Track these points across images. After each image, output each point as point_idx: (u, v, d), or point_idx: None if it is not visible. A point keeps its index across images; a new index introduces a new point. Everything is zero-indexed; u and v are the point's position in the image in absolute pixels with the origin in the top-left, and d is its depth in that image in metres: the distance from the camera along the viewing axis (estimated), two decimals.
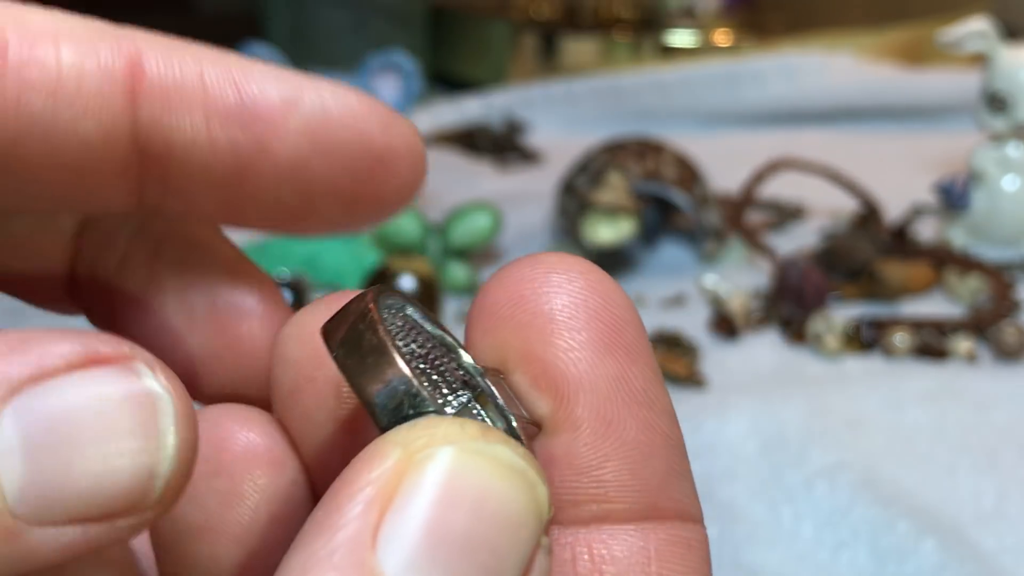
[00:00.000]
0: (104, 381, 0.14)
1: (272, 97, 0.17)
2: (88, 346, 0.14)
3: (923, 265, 0.59)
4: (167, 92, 0.16)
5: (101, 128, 0.16)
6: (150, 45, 0.17)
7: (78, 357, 0.14)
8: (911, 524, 0.39)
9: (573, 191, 0.61)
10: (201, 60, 0.17)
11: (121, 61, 0.16)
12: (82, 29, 0.16)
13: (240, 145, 0.17)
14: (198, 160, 0.17)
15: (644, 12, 1.10)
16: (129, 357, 0.15)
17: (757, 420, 0.45)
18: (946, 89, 0.91)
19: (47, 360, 0.14)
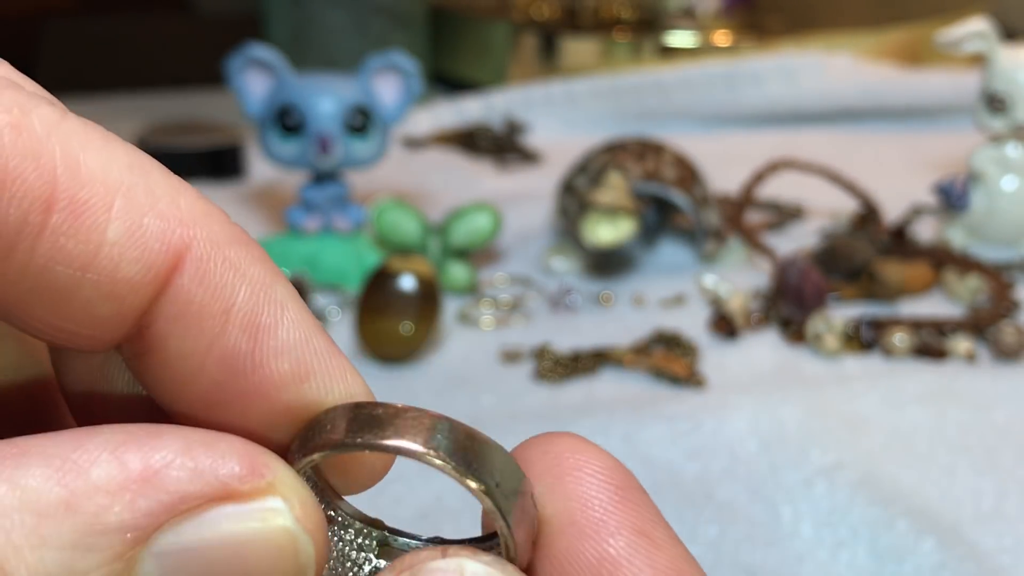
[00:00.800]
0: (242, 522, 0.14)
1: (282, 366, 0.15)
2: (224, 482, 0.14)
3: (922, 265, 0.60)
4: (189, 306, 0.15)
5: (117, 313, 0.15)
6: (201, 244, 0.15)
7: (215, 494, 0.14)
8: (910, 524, 0.39)
9: (573, 191, 0.61)
10: (242, 282, 0.15)
11: (168, 253, 0.15)
12: (141, 195, 0.14)
13: (224, 386, 0.15)
14: (180, 370, 0.15)
15: (644, 12, 1.10)
16: (266, 491, 0.14)
17: (756, 420, 0.45)
18: (945, 90, 0.92)
19: (184, 502, 0.14)
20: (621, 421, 0.45)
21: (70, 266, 0.14)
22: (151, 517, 0.13)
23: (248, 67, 0.61)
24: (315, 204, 0.62)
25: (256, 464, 0.14)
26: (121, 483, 0.13)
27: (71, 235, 0.14)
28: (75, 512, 0.13)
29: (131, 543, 0.13)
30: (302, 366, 0.15)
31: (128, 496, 0.13)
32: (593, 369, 0.51)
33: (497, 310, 0.58)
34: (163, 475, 0.14)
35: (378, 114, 0.62)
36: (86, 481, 0.13)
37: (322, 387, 0.16)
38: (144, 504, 0.13)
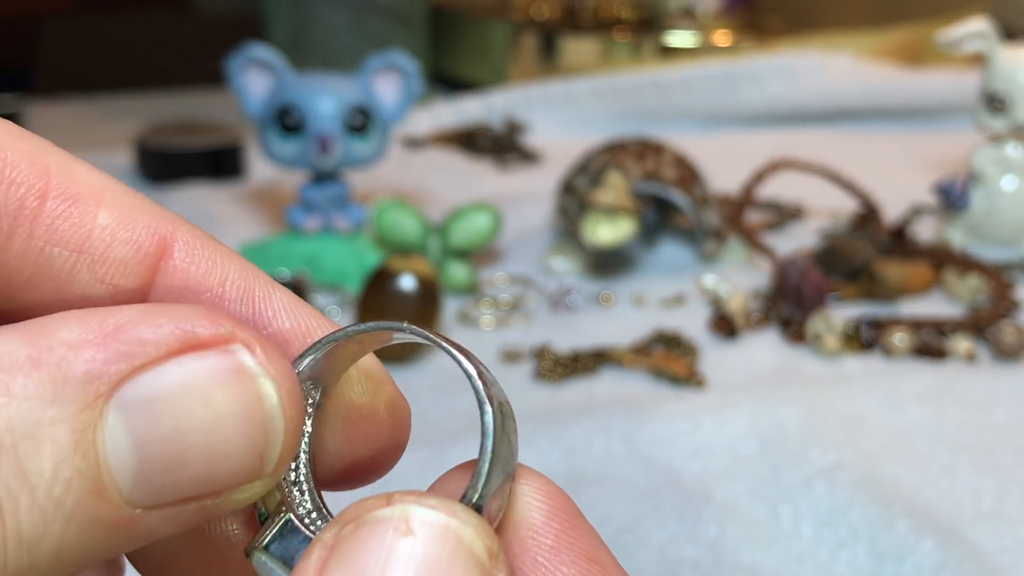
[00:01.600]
0: (205, 368, 0.14)
1: (283, 326, 0.17)
2: (185, 329, 0.14)
3: (922, 265, 0.60)
4: (185, 284, 0.16)
5: (113, 297, 0.16)
6: (185, 233, 0.16)
7: (177, 343, 0.14)
8: (910, 523, 0.39)
9: (573, 191, 0.61)
10: (228, 265, 0.16)
11: (154, 240, 0.16)
12: (126, 197, 0.16)
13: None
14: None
15: (644, 12, 1.10)
16: (227, 339, 0.15)
17: (756, 420, 0.45)
18: (945, 89, 0.92)
19: (145, 350, 0.14)
20: (621, 421, 0.45)
21: (66, 247, 0.15)
22: (113, 366, 0.14)
23: (248, 67, 0.61)
24: (315, 204, 0.62)
25: (217, 318, 0.15)
26: (84, 338, 0.14)
27: (65, 218, 0.15)
28: (40, 365, 0.14)
29: (95, 394, 0.14)
30: (301, 324, 0.17)
31: (91, 349, 0.14)
32: (593, 369, 0.51)
33: (497, 310, 0.58)
34: (125, 328, 0.14)
35: (378, 114, 0.62)
36: (50, 339, 0.14)
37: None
38: (106, 354, 0.14)
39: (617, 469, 0.43)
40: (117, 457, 0.14)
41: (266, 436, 0.15)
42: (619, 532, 0.40)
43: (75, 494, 0.13)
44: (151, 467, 0.14)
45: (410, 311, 0.51)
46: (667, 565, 0.38)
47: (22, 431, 0.13)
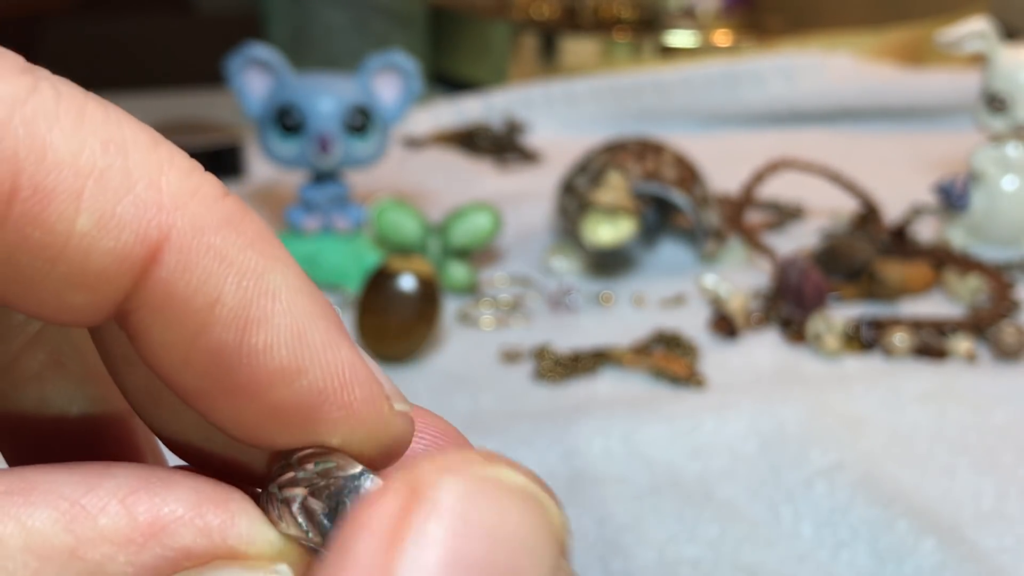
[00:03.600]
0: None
1: (272, 362, 0.14)
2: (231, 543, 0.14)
3: (923, 265, 0.60)
4: (171, 299, 0.14)
5: (91, 303, 0.14)
6: (185, 226, 0.14)
7: (220, 553, 0.14)
8: (910, 524, 0.39)
9: (573, 191, 0.61)
10: (228, 273, 0.14)
11: (144, 245, 0.13)
12: (115, 178, 0.13)
13: (214, 381, 0.14)
14: (165, 362, 0.14)
15: (644, 12, 1.10)
16: (274, 558, 0.14)
17: (757, 420, 0.45)
18: (946, 89, 0.92)
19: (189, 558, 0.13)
20: (621, 421, 0.45)
21: (37, 258, 0.13)
22: (155, 572, 0.13)
23: (248, 67, 0.61)
24: (315, 204, 0.62)
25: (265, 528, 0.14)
26: (128, 535, 0.13)
27: (37, 225, 0.13)
28: (80, 560, 0.13)
29: None
30: (293, 363, 0.14)
31: (134, 549, 0.13)
32: (593, 369, 0.51)
33: (497, 310, 0.58)
34: (170, 530, 0.13)
35: (378, 114, 0.62)
36: (93, 528, 0.13)
37: (316, 385, 0.14)
38: (149, 558, 0.13)
39: (617, 469, 0.43)
40: None
41: None
42: (619, 532, 0.40)
43: None
44: None
45: (410, 311, 0.51)
46: (667, 565, 0.38)
47: None
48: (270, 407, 0.14)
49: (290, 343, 0.14)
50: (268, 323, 0.14)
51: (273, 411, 0.14)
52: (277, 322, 0.14)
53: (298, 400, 0.14)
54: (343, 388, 0.14)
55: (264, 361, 0.14)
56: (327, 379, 0.14)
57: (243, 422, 0.15)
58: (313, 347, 0.14)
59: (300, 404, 0.14)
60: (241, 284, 0.14)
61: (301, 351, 0.14)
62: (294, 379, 0.14)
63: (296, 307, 0.14)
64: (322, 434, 0.15)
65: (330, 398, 0.14)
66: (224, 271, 0.14)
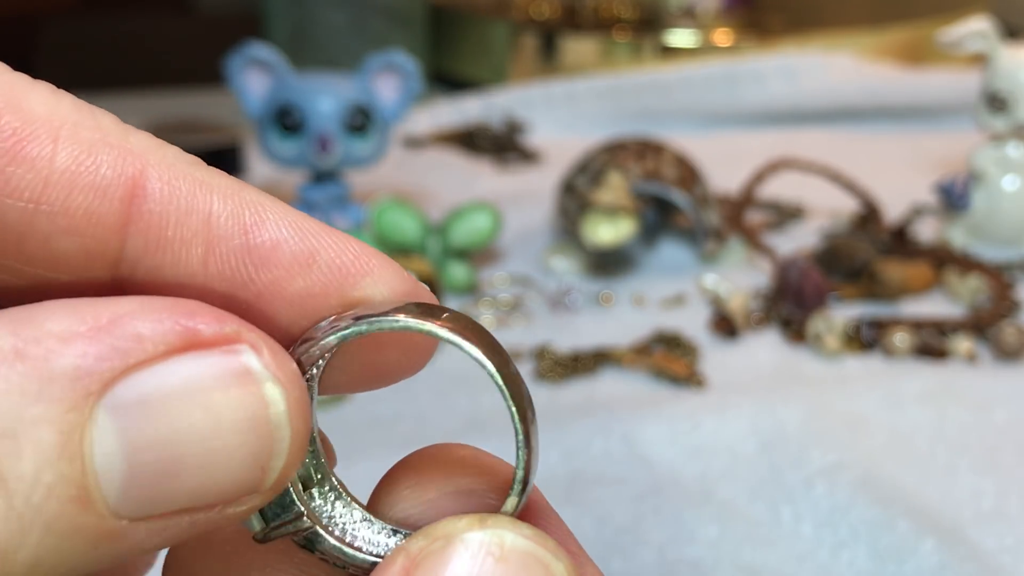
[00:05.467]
0: (207, 369, 0.13)
1: (284, 256, 0.15)
2: (185, 326, 0.13)
3: (923, 265, 0.59)
4: (166, 227, 0.14)
5: (83, 249, 0.14)
6: (159, 162, 0.14)
7: (177, 340, 0.13)
8: (911, 524, 0.39)
9: (573, 191, 0.61)
10: (211, 192, 0.15)
11: (122, 178, 0.14)
12: (88, 130, 0.14)
13: (233, 299, 0.15)
14: (191, 287, 0.15)
15: (644, 12, 1.10)
16: (232, 339, 0.13)
17: (757, 420, 0.45)
18: (946, 89, 0.91)
19: (142, 346, 0.13)
20: (621, 421, 0.45)
21: (20, 198, 0.13)
22: (106, 363, 0.13)
23: (248, 67, 0.61)
24: (315, 204, 0.62)
25: (221, 315, 0.14)
26: (76, 331, 0.13)
27: (18, 164, 0.13)
28: (24, 358, 0.12)
29: (84, 392, 0.12)
30: (304, 247, 0.15)
31: (82, 342, 0.13)
32: (593, 369, 0.51)
33: (497, 310, 0.58)
34: (121, 322, 0.13)
35: (378, 114, 0.61)
36: (37, 329, 0.12)
37: (333, 261, 0.15)
38: (98, 349, 0.13)
39: (617, 469, 0.43)
40: (105, 463, 0.13)
41: (270, 447, 0.14)
42: (619, 532, 0.39)
43: (57, 501, 0.12)
44: (142, 476, 0.13)
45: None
46: (667, 565, 0.38)
47: (2, 428, 0.12)
48: (301, 296, 0.15)
49: (293, 233, 0.15)
50: (265, 223, 0.15)
51: (305, 299, 0.15)
52: (273, 220, 0.15)
53: (323, 280, 0.15)
54: (358, 257, 0.15)
55: (276, 256, 0.15)
56: (341, 253, 0.15)
57: (283, 320, 0.15)
58: (315, 232, 0.15)
59: (326, 283, 0.15)
60: (227, 199, 0.15)
61: (306, 237, 0.15)
62: (311, 261, 0.15)
63: (283, 209, 0.15)
64: (355, 302, 0.15)
65: (351, 268, 0.15)
66: (207, 192, 0.15)
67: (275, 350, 0.14)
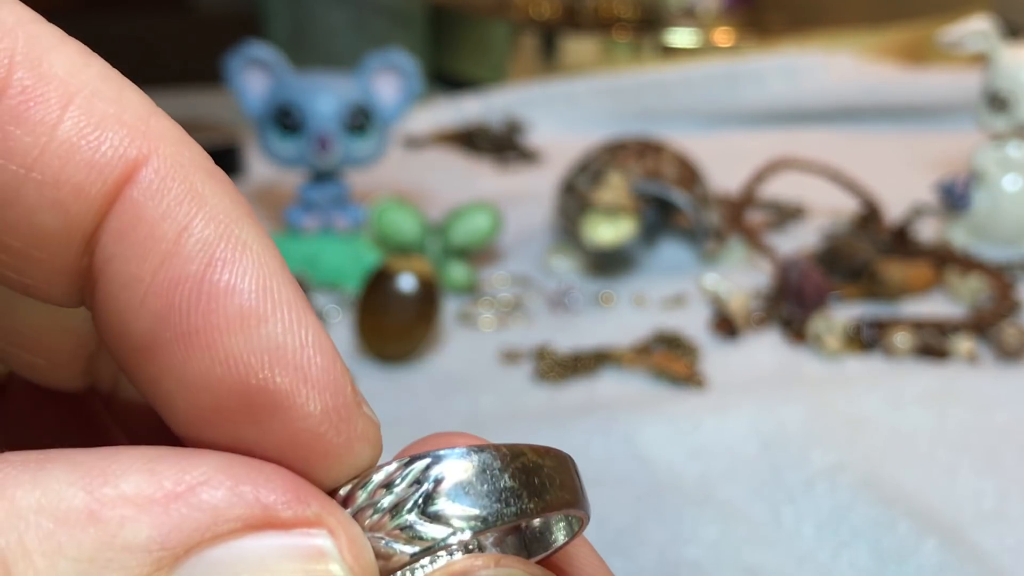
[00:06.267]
0: (282, 551, 0.12)
1: (232, 304, 0.13)
2: (265, 504, 0.12)
3: (924, 265, 0.59)
4: (138, 222, 0.13)
5: (63, 226, 0.13)
6: (166, 154, 0.13)
7: (255, 520, 0.12)
8: (912, 524, 0.39)
9: (573, 191, 0.61)
10: (199, 207, 0.13)
11: (122, 160, 0.13)
12: (105, 102, 0.13)
13: (166, 323, 0.13)
14: (123, 304, 0.13)
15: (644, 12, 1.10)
16: (312, 523, 0.13)
17: (757, 420, 0.45)
18: (947, 89, 0.91)
19: (219, 524, 0.12)
20: (621, 421, 0.45)
21: (14, 161, 0.13)
22: (181, 535, 0.12)
23: (247, 66, 0.61)
24: (315, 204, 0.62)
25: (301, 492, 0.13)
26: (151, 497, 0.12)
27: (19, 123, 0.13)
28: (98, 522, 0.12)
29: (157, 564, 0.12)
30: (255, 309, 0.13)
31: (158, 511, 0.12)
32: (593, 369, 0.51)
33: (497, 310, 0.58)
34: (198, 492, 0.12)
35: (378, 113, 0.61)
36: (114, 490, 0.12)
37: (274, 338, 0.13)
38: (174, 521, 0.12)
39: (617, 469, 0.43)
40: None
41: None
42: (619, 533, 0.39)
43: None
44: None
45: (410, 311, 0.51)
46: (668, 566, 0.38)
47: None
48: (222, 357, 0.13)
49: (255, 289, 0.13)
50: (235, 265, 0.13)
51: (225, 363, 0.13)
52: (244, 266, 0.13)
53: (253, 351, 0.13)
54: (303, 348, 0.13)
55: (224, 303, 0.13)
56: (287, 334, 0.13)
57: (190, 379, 0.13)
58: (278, 301, 0.13)
59: (255, 357, 0.13)
60: (212, 223, 0.13)
61: (265, 299, 0.13)
62: (253, 326, 0.13)
63: (266, 262, 0.13)
64: (272, 399, 0.13)
65: (288, 355, 0.13)
66: (196, 207, 0.13)
67: (355, 540, 0.13)
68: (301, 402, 0.13)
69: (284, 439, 0.13)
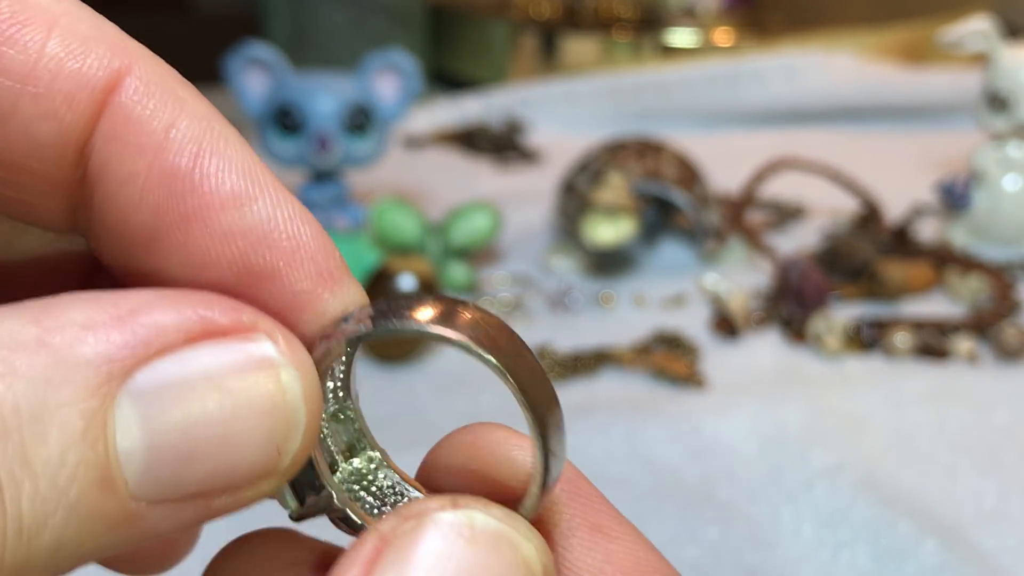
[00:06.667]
0: (225, 356, 0.14)
1: (224, 186, 0.15)
2: (203, 316, 0.14)
3: (924, 265, 0.59)
4: (128, 122, 0.14)
5: (58, 135, 0.14)
6: (142, 68, 0.15)
7: (196, 329, 0.13)
8: (912, 524, 0.39)
9: (573, 191, 0.61)
10: (180, 110, 0.15)
11: (105, 73, 0.14)
12: (83, 24, 0.14)
13: (165, 210, 0.15)
14: (123, 201, 0.15)
15: (644, 12, 1.10)
16: (248, 328, 0.14)
17: (757, 420, 0.45)
18: (947, 89, 0.91)
19: (162, 336, 0.13)
20: (622, 421, 0.45)
21: (9, 77, 0.14)
22: (127, 350, 0.13)
23: (247, 66, 0.61)
24: (315, 203, 0.62)
25: (237, 306, 0.14)
26: (96, 320, 0.13)
27: (10, 44, 0.14)
28: (48, 346, 0.13)
29: (106, 378, 0.13)
30: (245, 189, 0.15)
31: (102, 330, 0.13)
32: (593, 369, 0.51)
33: (497, 310, 0.58)
34: (140, 312, 0.13)
35: (378, 113, 0.61)
36: (60, 319, 0.13)
37: (265, 212, 0.15)
38: (119, 337, 0.13)
39: (617, 469, 0.43)
40: (127, 447, 0.13)
41: (286, 429, 0.14)
42: None
43: (80, 484, 0.13)
44: (162, 459, 0.13)
45: None
46: None
47: (29, 414, 0.12)
48: (220, 234, 0.14)
49: (242, 172, 0.15)
50: (221, 154, 0.15)
51: (223, 239, 0.14)
52: (230, 155, 0.15)
53: (247, 226, 0.15)
54: (291, 220, 0.15)
55: (216, 184, 0.14)
56: (277, 208, 0.15)
57: (192, 260, 0.15)
58: (263, 182, 0.15)
59: (248, 231, 0.15)
60: (195, 120, 0.15)
61: (252, 181, 0.15)
62: (244, 204, 0.15)
63: (247, 152, 0.15)
64: (270, 266, 0.15)
65: (279, 226, 0.15)
66: (179, 107, 0.15)
67: (289, 338, 0.14)
68: (297, 266, 0.15)
69: (282, 304, 0.15)
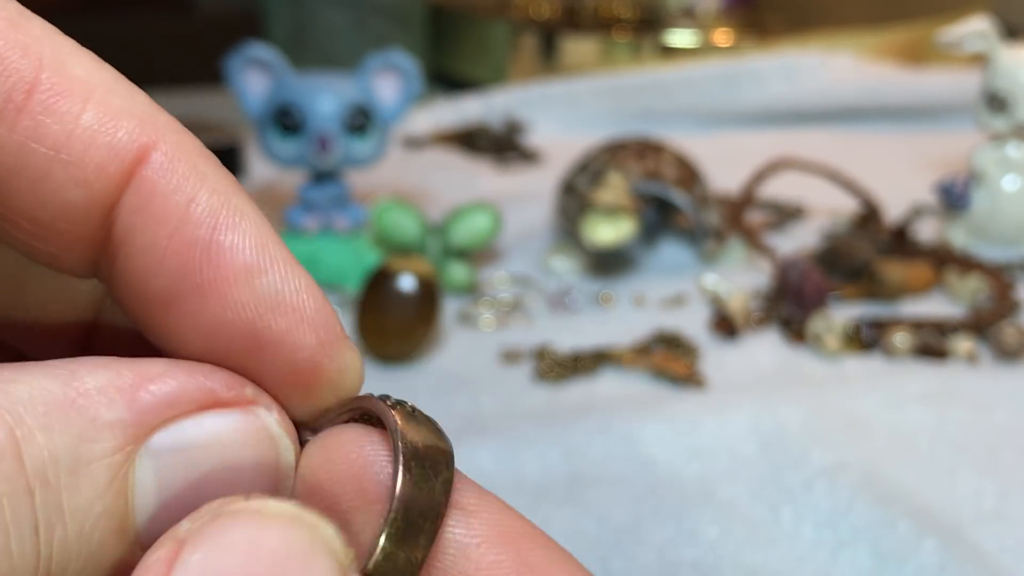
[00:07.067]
0: (228, 424, 0.16)
1: (237, 259, 0.16)
2: (208, 389, 0.16)
3: (923, 265, 0.59)
4: (153, 196, 0.16)
5: (87, 200, 0.16)
6: (168, 144, 0.16)
7: (205, 400, 0.15)
8: (911, 524, 0.39)
9: (573, 191, 0.61)
10: (201, 185, 0.16)
11: (134, 146, 0.16)
12: (117, 98, 0.16)
13: (182, 278, 0.16)
14: (143, 266, 0.16)
15: (644, 12, 1.10)
16: (250, 401, 0.16)
17: (757, 420, 0.45)
18: (946, 89, 0.91)
19: (177, 403, 0.15)
20: (621, 421, 0.45)
21: (44, 144, 0.15)
22: (145, 415, 0.15)
23: (247, 67, 0.61)
24: (315, 204, 0.62)
25: (238, 380, 0.16)
26: (118, 387, 0.15)
27: (49, 114, 0.15)
28: (78, 408, 0.14)
29: (130, 439, 0.15)
30: (257, 262, 0.16)
31: (127, 396, 0.15)
32: (593, 369, 0.51)
33: (497, 310, 0.58)
34: (154, 382, 0.15)
35: (378, 113, 0.61)
36: (85, 384, 0.15)
37: (275, 284, 0.16)
38: (141, 404, 0.15)
39: (617, 469, 0.43)
40: (142, 499, 0.15)
41: (279, 487, 0.16)
42: (619, 533, 0.39)
43: (102, 531, 0.14)
44: (169, 509, 0.15)
45: (410, 311, 0.51)
46: (667, 566, 0.38)
47: (66, 466, 0.14)
48: (231, 303, 0.16)
49: (254, 247, 0.16)
50: (236, 228, 0.16)
51: (234, 308, 0.16)
52: (244, 229, 0.16)
53: (257, 298, 0.16)
54: (297, 293, 0.16)
55: (230, 258, 0.16)
56: (285, 282, 0.16)
57: (205, 326, 0.16)
58: (274, 256, 0.16)
59: (258, 302, 0.16)
60: (214, 194, 0.16)
61: (264, 255, 0.16)
62: (255, 277, 0.16)
63: (261, 226, 0.17)
64: (275, 336, 0.16)
65: (286, 299, 0.16)
66: (200, 181, 0.16)
67: (283, 415, 0.16)
68: (299, 336, 0.16)
69: (285, 369, 0.16)
